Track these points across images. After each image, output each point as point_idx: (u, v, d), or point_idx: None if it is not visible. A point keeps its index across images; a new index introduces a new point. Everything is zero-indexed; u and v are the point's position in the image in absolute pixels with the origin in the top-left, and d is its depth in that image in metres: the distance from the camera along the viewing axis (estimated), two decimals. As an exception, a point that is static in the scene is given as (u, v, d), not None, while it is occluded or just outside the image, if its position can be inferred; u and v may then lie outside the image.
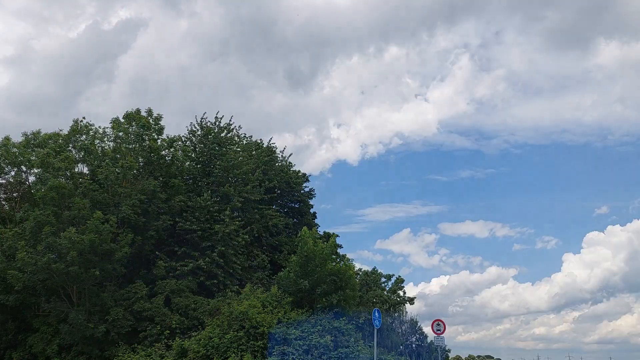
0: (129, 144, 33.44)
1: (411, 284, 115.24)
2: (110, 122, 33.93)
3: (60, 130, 34.53)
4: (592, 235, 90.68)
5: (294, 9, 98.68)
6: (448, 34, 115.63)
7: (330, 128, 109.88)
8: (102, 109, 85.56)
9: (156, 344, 27.92)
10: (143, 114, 33.91)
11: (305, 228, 29.81)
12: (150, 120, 33.98)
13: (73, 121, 33.90)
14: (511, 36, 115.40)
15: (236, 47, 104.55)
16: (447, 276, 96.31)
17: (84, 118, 34.28)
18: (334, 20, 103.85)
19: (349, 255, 37.29)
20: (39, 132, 35.35)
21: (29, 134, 35.46)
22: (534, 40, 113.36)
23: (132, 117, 33.58)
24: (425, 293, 75.43)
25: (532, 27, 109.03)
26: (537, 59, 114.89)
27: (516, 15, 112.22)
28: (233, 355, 25.61)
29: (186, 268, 31.23)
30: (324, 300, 27.65)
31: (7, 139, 35.35)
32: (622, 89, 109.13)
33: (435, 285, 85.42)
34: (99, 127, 34.79)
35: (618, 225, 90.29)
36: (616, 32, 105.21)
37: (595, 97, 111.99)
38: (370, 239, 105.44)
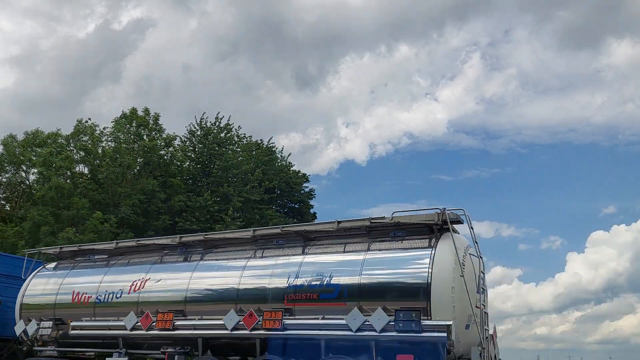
0: (128, 144, 33.35)
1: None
2: (112, 122, 33.86)
3: (59, 129, 34.38)
4: (597, 234, 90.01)
5: (306, 9, 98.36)
6: (459, 32, 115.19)
7: (339, 127, 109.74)
8: (107, 109, 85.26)
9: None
10: (140, 113, 33.72)
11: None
12: (149, 120, 33.88)
13: (77, 121, 33.72)
14: (522, 35, 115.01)
15: (246, 46, 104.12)
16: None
17: (89, 119, 34.10)
18: (344, 19, 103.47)
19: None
20: (38, 131, 35.16)
21: (29, 132, 35.32)
22: (545, 39, 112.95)
23: (130, 116, 33.48)
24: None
25: (543, 26, 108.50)
26: (548, 58, 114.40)
27: (527, 14, 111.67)
28: None
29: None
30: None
31: (11, 136, 35.15)
32: (634, 89, 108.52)
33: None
34: (100, 125, 34.62)
35: (623, 224, 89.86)
36: (628, 32, 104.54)
37: (605, 97, 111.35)
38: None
